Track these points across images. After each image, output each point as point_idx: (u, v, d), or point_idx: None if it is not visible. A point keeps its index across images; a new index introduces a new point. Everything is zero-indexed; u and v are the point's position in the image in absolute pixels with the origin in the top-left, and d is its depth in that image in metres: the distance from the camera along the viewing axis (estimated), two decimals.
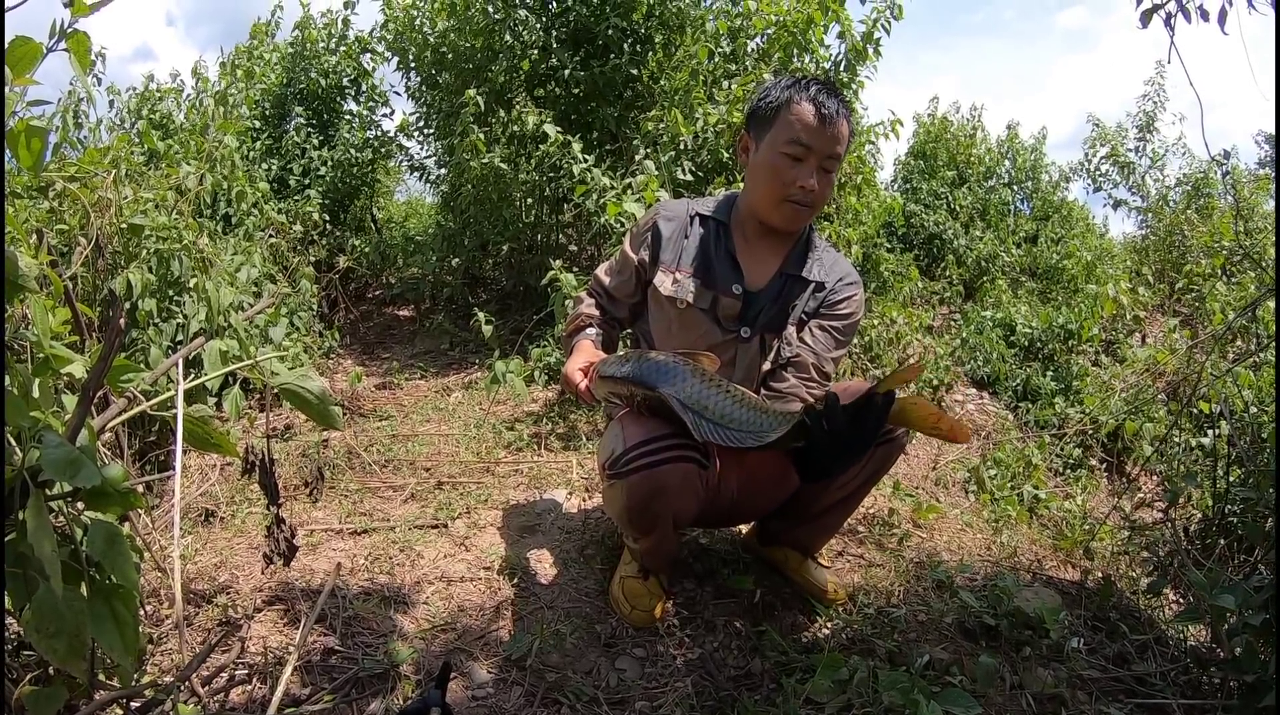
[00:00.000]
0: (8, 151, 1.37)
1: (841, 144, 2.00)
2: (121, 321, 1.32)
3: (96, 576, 1.25)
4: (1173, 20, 2.36)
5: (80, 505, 1.34)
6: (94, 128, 5.35)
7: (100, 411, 1.69)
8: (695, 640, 2.14)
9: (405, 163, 6.70)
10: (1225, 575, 1.91)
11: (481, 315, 4.15)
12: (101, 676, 1.42)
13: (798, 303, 2.10)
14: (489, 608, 2.22)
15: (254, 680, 1.83)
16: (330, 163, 6.27)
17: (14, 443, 1.18)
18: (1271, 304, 3.56)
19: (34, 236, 3.03)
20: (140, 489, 2.70)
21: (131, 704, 1.41)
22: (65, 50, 1.37)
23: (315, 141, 6.38)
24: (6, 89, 1.31)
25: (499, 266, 5.71)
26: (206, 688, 1.68)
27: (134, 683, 1.47)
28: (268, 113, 6.46)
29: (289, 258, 4.95)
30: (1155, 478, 4.47)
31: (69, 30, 1.35)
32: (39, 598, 1.11)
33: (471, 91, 4.71)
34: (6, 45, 1.29)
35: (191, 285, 3.51)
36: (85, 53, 1.38)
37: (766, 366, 2.10)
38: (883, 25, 4.69)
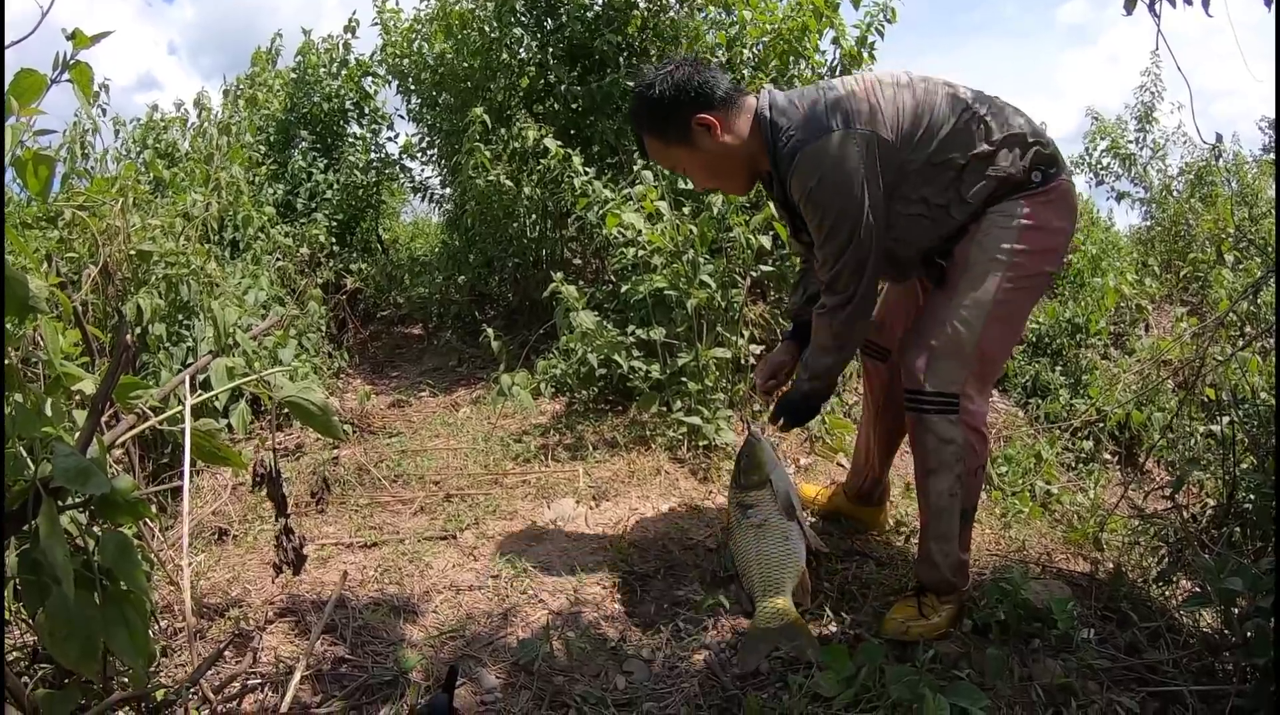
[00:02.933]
0: (17, 179, 1.42)
1: (654, 158, 2.24)
2: (130, 337, 1.36)
3: (108, 584, 1.28)
4: (1157, 6, 2.35)
5: (88, 517, 1.37)
6: (100, 157, 5.43)
7: (111, 429, 1.73)
8: (702, 642, 2.16)
9: (409, 184, 6.75)
10: (1233, 559, 1.91)
11: (490, 331, 4.19)
12: (114, 681, 1.45)
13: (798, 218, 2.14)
14: (497, 615, 2.25)
15: (265, 689, 1.86)
16: (335, 186, 6.33)
17: (26, 455, 1.22)
18: (1272, 283, 3.57)
19: (45, 262, 3.09)
20: (154, 508, 2.74)
21: (144, 706, 1.44)
22: (69, 81, 1.41)
23: (320, 165, 6.44)
24: (13, 119, 1.35)
25: (505, 283, 5.74)
26: (219, 695, 1.71)
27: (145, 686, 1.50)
28: (272, 138, 6.52)
29: (297, 280, 5.00)
30: (1167, 468, 4.46)
31: (72, 62, 1.40)
32: (52, 602, 1.15)
33: (477, 110, 4.76)
34: (12, 78, 1.33)
35: (200, 308, 3.56)
36: (88, 83, 1.42)
37: None
38: (876, 29, 4.71)
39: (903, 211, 2.05)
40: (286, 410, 1.84)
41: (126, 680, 1.57)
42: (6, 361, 1.45)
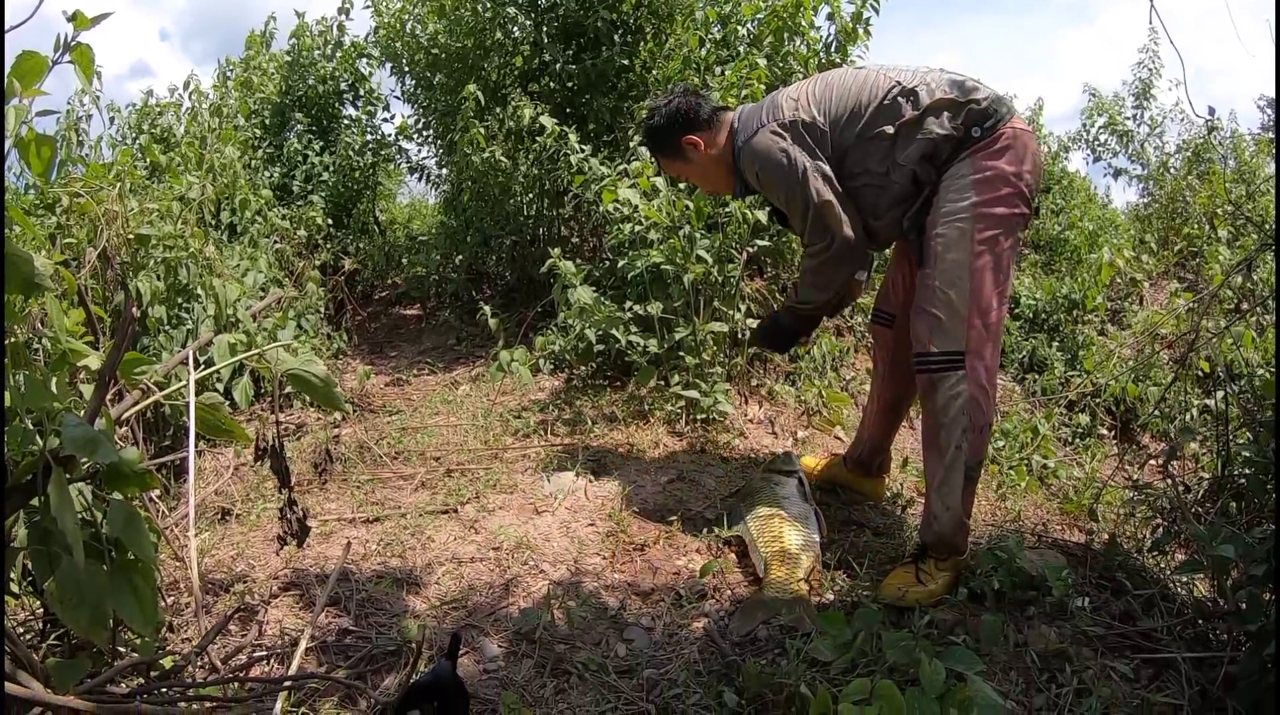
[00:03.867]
0: (18, 162, 1.43)
1: (664, 170, 2.91)
2: (135, 310, 1.38)
3: (115, 555, 1.30)
4: None
5: (94, 491, 1.39)
6: (95, 144, 5.41)
7: (115, 406, 1.75)
8: (702, 610, 2.19)
9: (405, 164, 6.74)
10: (1226, 528, 1.93)
11: (488, 309, 4.20)
12: (123, 650, 1.48)
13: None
14: (498, 586, 2.28)
15: (271, 661, 1.89)
16: (332, 168, 6.33)
17: (33, 428, 1.24)
18: (1267, 258, 3.58)
19: (49, 243, 3.10)
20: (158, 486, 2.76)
21: (152, 674, 1.47)
22: (70, 63, 1.42)
23: (316, 147, 6.43)
24: (16, 100, 1.36)
25: (502, 261, 5.74)
26: (226, 665, 1.74)
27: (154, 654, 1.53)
28: (267, 121, 6.51)
29: (294, 263, 5.01)
30: (1164, 439, 4.49)
31: (73, 44, 1.41)
32: (62, 571, 1.17)
33: (471, 86, 4.75)
34: (14, 60, 1.34)
35: (199, 291, 3.58)
36: (89, 64, 1.44)
37: None
38: (872, 5, 4.69)
39: (853, 185, 2.35)
40: (288, 390, 1.86)
41: (135, 653, 1.60)
42: (12, 339, 1.47)
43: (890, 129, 2.24)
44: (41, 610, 1.69)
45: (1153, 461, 3.96)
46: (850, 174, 2.33)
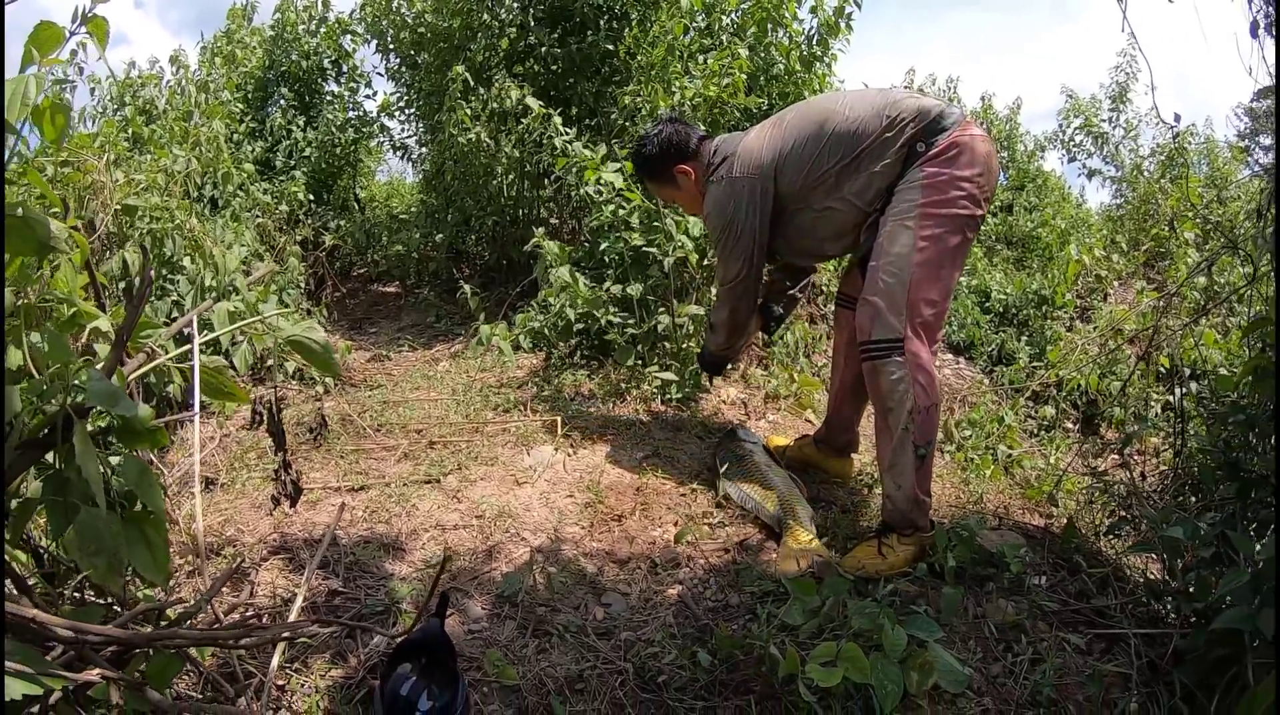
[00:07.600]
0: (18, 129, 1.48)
1: (653, 193, 3.24)
2: (137, 277, 1.44)
3: (127, 507, 1.37)
4: None
5: (102, 447, 1.45)
6: (80, 115, 5.40)
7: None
8: (676, 578, 2.28)
9: (387, 142, 6.76)
10: (1176, 512, 2.04)
11: (467, 288, 4.26)
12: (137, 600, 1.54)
13: None
14: (481, 551, 2.36)
15: (264, 619, 1.96)
16: (314, 143, 6.34)
17: (50, 383, 1.30)
18: (1233, 261, 3.70)
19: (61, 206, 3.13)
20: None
21: (160, 622, 1.54)
22: (87, 33, 1.48)
23: (299, 123, 6.44)
24: (35, 68, 1.41)
25: (482, 241, 5.78)
26: (218, 625, 1.81)
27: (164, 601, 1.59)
28: (250, 96, 6.51)
29: (276, 237, 5.03)
30: (1121, 430, 4.62)
31: (90, 15, 1.47)
32: (81, 520, 1.23)
33: (459, 68, 4.79)
34: (32, 30, 1.39)
35: (186, 265, 3.61)
36: (104, 35, 1.49)
37: None
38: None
39: (808, 216, 2.55)
40: (269, 363, 1.91)
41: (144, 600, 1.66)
42: (24, 301, 1.53)
43: (834, 168, 2.43)
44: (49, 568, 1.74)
45: (1113, 453, 4.09)
46: (805, 207, 2.54)
